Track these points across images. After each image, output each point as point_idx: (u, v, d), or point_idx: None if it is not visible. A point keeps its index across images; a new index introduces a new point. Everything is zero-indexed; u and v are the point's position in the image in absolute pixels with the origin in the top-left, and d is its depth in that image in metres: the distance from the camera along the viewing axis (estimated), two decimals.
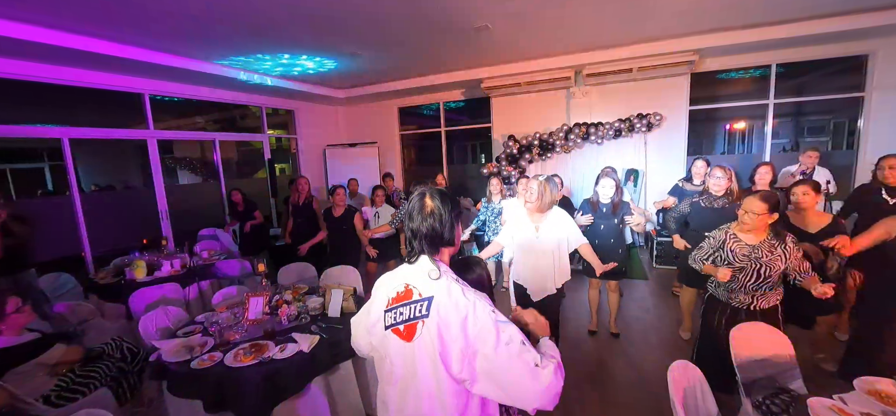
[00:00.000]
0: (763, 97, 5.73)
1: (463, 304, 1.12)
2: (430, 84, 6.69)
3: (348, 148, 8.03)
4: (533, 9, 3.91)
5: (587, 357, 3.37)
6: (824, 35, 4.75)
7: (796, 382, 2.10)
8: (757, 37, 4.84)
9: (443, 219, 1.22)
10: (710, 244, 2.45)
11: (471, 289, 1.17)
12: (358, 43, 4.74)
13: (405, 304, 1.19)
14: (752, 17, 4.49)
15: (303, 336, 2.23)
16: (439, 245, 1.24)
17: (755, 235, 2.28)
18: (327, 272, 3.39)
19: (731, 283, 2.34)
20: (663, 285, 4.74)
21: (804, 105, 6.13)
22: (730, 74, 6.03)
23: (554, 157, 6.36)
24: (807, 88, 5.85)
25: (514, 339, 1.08)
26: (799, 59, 5.41)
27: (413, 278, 1.21)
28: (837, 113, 6.27)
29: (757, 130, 6.42)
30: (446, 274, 1.19)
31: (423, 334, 1.14)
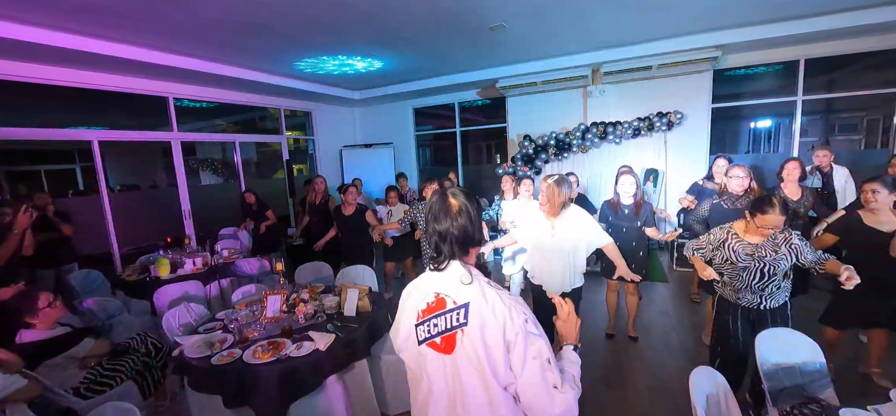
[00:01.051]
0: (791, 94, 5.51)
1: (501, 308, 1.06)
2: (445, 84, 6.69)
3: (364, 148, 8.11)
4: (548, 7, 3.87)
5: (604, 360, 3.30)
6: (857, 28, 4.53)
7: (827, 391, 2.01)
8: (784, 31, 4.65)
9: (472, 217, 1.15)
10: (708, 242, 2.39)
11: (505, 291, 1.11)
12: (373, 44, 4.78)
13: (439, 314, 1.11)
14: (779, 10, 4.32)
15: (319, 335, 2.25)
16: (469, 246, 1.16)
17: (759, 234, 2.21)
18: (343, 272, 3.43)
19: (737, 283, 2.28)
20: (684, 288, 4.62)
21: (834, 102, 5.87)
22: (755, 69, 5.81)
23: (571, 157, 6.27)
24: (837, 83, 5.59)
25: (541, 354, 1.04)
26: (830, 54, 5.17)
27: (444, 286, 1.13)
28: (871, 110, 5.98)
29: (784, 128, 6.18)
30: (478, 277, 1.13)
31: (465, 344, 1.06)
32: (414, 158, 8.34)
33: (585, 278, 2.80)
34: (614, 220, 3.37)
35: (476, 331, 1.05)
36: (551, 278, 2.67)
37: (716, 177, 3.90)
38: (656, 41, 5.21)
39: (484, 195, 7.22)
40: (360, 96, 7.47)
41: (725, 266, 2.34)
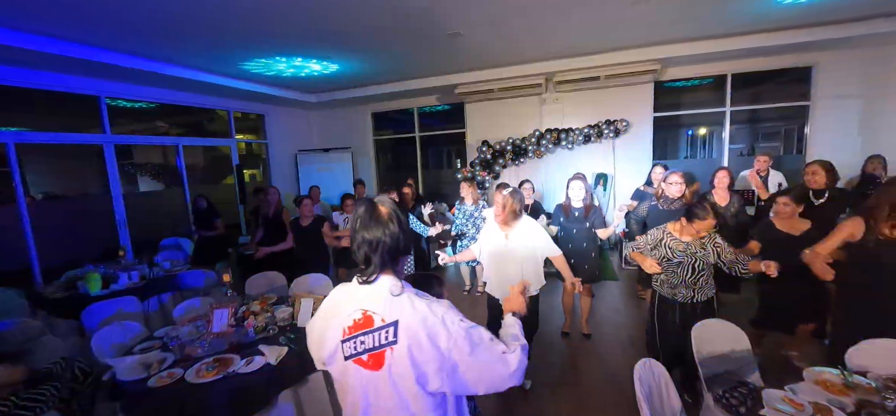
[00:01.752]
0: (721, 105, 6.06)
1: (431, 319, 1.07)
2: (404, 89, 6.68)
3: (321, 153, 7.89)
4: (504, 17, 3.98)
5: (561, 359, 3.42)
6: (772, 47, 5.08)
7: (753, 375, 2.21)
8: (713, 48, 5.12)
9: (401, 224, 1.14)
10: (646, 241, 2.60)
11: (433, 300, 1.13)
12: (328, 47, 4.68)
13: (366, 332, 1.09)
14: (708, 28, 4.74)
15: (270, 348, 2.16)
16: (398, 255, 1.16)
17: (690, 236, 2.46)
18: (297, 281, 3.30)
19: (673, 279, 2.49)
20: (633, 286, 4.90)
21: (759, 112, 6.51)
22: (691, 82, 6.34)
23: (527, 162, 6.47)
24: (761, 96, 6.23)
25: (483, 337, 1.11)
26: (752, 70, 5.77)
27: (370, 302, 1.11)
28: (788, 120, 6.69)
29: (716, 136, 6.76)
30: (408, 288, 1.13)
31: (395, 361, 1.06)
32: (373, 164, 8.23)
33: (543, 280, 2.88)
34: (566, 223, 3.52)
35: (405, 349, 1.05)
36: (504, 286, 2.70)
37: (654, 183, 4.19)
38: (604, 53, 5.53)
39: (444, 200, 7.28)
40: (316, 100, 7.27)
41: (662, 263, 2.53)
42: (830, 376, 1.75)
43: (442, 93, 7.11)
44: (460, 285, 5.18)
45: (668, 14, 4.13)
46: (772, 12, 4.19)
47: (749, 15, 4.27)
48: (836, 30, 4.67)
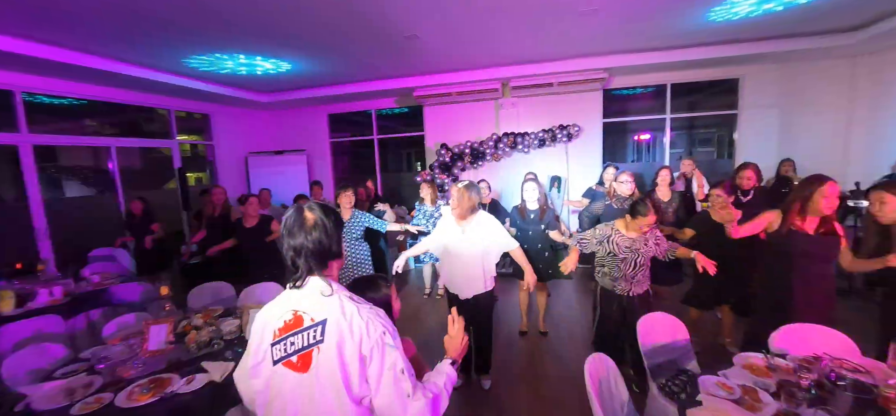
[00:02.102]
0: (662, 112, 6.51)
1: (358, 322, 1.09)
2: (361, 91, 6.56)
3: (273, 156, 7.54)
4: (459, 21, 4.03)
5: (519, 357, 3.50)
6: (705, 60, 5.53)
7: (692, 362, 2.38)
8: (653, 59, 5.49)
9: (328, 230, 1.17)
10: (593, 235, 2.75)
11: (365, 305, 1.15)
12: (280, 45, 4.49)
13: (296, 332, 1.11)
14: (649, 41, 5.08)
15: (215, 365, 2.02)
16: (327, 260, 1.18)
17: (635, 231, 2.64)
18: (247, 291, 3.12)
19: (614, 272, 2.67)
20: (586, 283, 5.12)
21: (694, 119, 7.07)
22: (636, 90, 6.77)
23: (485, 165, 6.58)
24: (696, 105, 6.77)
25: (396, 365, 1.11)
26: (688, 80, 6.26)
27: (302, 303, 1.13)
28: (720, 127, 7.31)
29: (659, 141, 7.24)
30: (339, 291, 1.15)
31: (321, 361, 1.08)
32: (330, 166, 8.00)
33: (499, 281, 2.94)
34: (522, 224, 3.62)
35: (332, 348, 1.07)
36: (463, 281, 2.75)
37: (606, 183, 4.43)
38: (556, 61, 5.76)
39: (404, 203, 7.23)
40: (267, 100, 6.95)
41: (607, 258, 2.69)
42: (756, 360, 1.92)
43: (400, 95, 7.07)
44: (421, 288, 5.16)
45: (613, 25, 4.37)
46: (704, 28, 4.56)
47: (684, 29, 4.62)
48: (758, 46, 5.17)
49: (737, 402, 1.59)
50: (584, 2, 3.68)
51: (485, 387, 3.02)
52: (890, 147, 5.06)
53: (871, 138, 5.50)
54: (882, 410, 1.39)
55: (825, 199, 2.20)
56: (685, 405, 1.63)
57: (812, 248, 2.27)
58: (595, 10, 3.86)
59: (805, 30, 4.84)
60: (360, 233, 3.63)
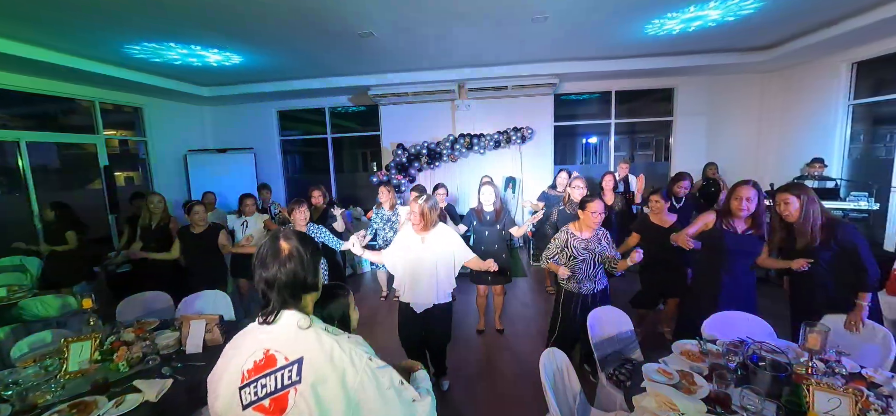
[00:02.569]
0: (607, 117, 6.92)
1: (339, 356, 1.02)
2: (314, 87, 6.33)
3: (217, 154, 7.06)
4: (415, 22, 4.02)
5: (476, 356, 3.54)
6: (644, 70, 5.96)
7: (636, 352, 2.55)
8: (598, 67, 5.83)
9: (304, 261, 1.09)
10: (555, 245, 2.84)
11: (344, 336, 1.08)
12: (229, 39, 4.22)
13: (268, 374, 1.01)
14: (595, 50, 5.37)
15: (150, 383, 1.84)
16: (302, 293, 1.11)
17: (589, 230, 2.77)
18: (187, 300, 2.88)
19: (579, 274, 2.78)
20: (541, 281, 5.30)
21: (636, 125, 7.59)
22: (584, 96, 7.13)
23: (442, 165, 6.61)
24: (638, 111, 7.27)
25: (393, 380, 1.08)
26: (630, 88, 6.72)
27: (273, 341, 1.04)
28: (658, 132, 7.91)
29: (604, 144, 7.69)
30: (316, 323, 1.08)
31: (299, 404, 0.99)
32: (280, 166, 7.63)
33: (457, 281, 2.93)
34: (479, 225, 3.68)
35: (309, 389, 0.99)
36: (420, 293, 2.69)
37: (559, 187, 4.62)
38: (510, 65, 5.92)
39: (359, 204, 7.07)
40: (210, 93, 6.49)
41: (570, 263, 2.78)
42: (690, 346, 2.09)
43: (355, 93, 6.91)
44: (377, 291, 5.06)
45: (562, 33, 4.58)
46: (642, 40, 4.91)
47: (625, 41, 4.95)
48: (688, 59, 5.66)
49: (675, 386, 1.72)
50: (535, 9, 3.81)
51: (443, 388, 3.03)
52: (797, 153, 5.75)
53: (781, 145, 6.23)
54: (796, 385, 1.57)
55: (735, 200, 2.46)
56: (631, 392, 1.74)
57: (739, 246, 2.50)
58: (545, 17, 4.02)
59: (726, 47, 5.38)
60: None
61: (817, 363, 1.75)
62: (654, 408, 1.55)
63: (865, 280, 2.20)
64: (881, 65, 4.92)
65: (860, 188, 4.80)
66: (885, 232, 4.84)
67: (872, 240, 4.57)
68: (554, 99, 6.74)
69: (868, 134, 5.50)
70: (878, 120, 5.33)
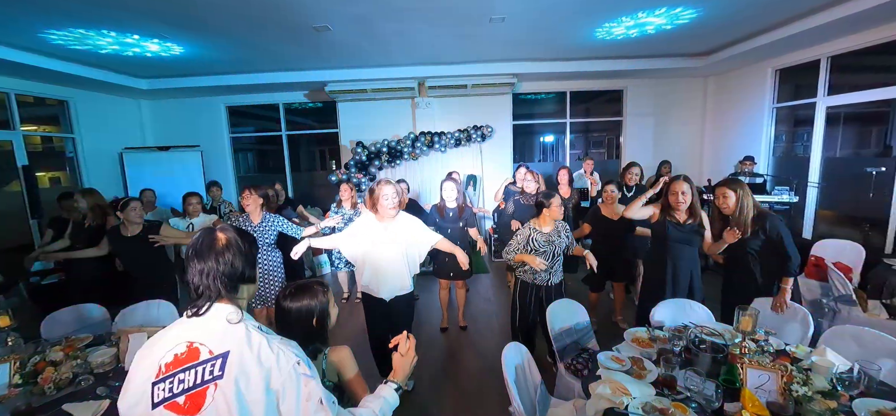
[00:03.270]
0: (563, 117, 7.19)
1: (267, 356, 0.98)
2: (266, 82, 6.03)
3: (158, 152, 6.54)
4: (372, 17, 3.95)
5: (440, 354, 3.56)
6: (595, 72, 6.25)
7: (592, 341, 2.67)
8: (553, 68, 6.04)
9: (242, 251, 1.07)
10: (518, 241, 2.91)
11: (276, 338, 1.04)
12: (166, 26, 3.91)
13: (189, 368, 0.95)
14: (550, 52, 5.56)
15: (82, 406, 1.67)
16: (239, 284, 1.07)
17: (550, 224, 2.87)
18: (126, 312, 2.64)
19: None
20: (503, 277, 5.41)
21: (590, 124, 7.95)
22: (541, 96, 7.36)
23: (403, 163, 6.55)
24: (591, 111, 7.61)
25: (313, 395, 1.02)
26: (584, 89, 7.02)
27: (199, 334, 0.99)
28: (610, 131, 8.33)
29: (560, 142, 7.99)
30: (247, 319, 1.03)
31: (217, 401, 0.94)
32: (230, 164, 7.21)
33: (420, 279, 2.94)
34: (441, 223, 3.68)
35: (232, 385, 0.94)
36: (386, 283, 2.67)
37: (518, 182, 4.75)
38: (470, 64, 5.98)
39: (317, 203, 6.85)
40: (149, 86, 6.00)
41: (531, 255, 2.85)
42: (640, 333, 2.22)
43: (311, 89, 6.67)
44: (338, 293, 4.94)
45: (519, 35, 4.69)
46: (593, 44, 5.14)
47: (578, 44, 5.16)
48: (634, 63, 6.01)
49: (627, 372, 1.82)
50: (493, 10, 3.87)
51: (408, 388, 3.01)
52: (732, 151, 6.29)
53: (719, 143, 6.78)
54: (731, 364, 1.72)
55: (672, 195, 2.70)
56: (587, 380, 1.82)
57: (681, 234, 2.72)
58: (502, 19, 4.09)
59: (668, 52, 5.76)
60: (273, 239, 3.33)
61: (749, 342, 1.92)
62: (609, 394, 1.63)
63: (789, 267, 2.45)
64: (799, 72, 5.50)
65: (783, 183, 5.33)
66: (803, 222, 5.43)
67: (793, 229, 5.11)
68: (513, 98, 6.89)
69: (789, 135, 6.12)
70: (798, 122, 5.95)
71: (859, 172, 4.73)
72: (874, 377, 1.60)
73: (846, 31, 4.45)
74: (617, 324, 3.80)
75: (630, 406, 1.57)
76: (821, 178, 5.28)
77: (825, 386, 1.62)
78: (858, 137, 5.41)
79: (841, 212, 5.13)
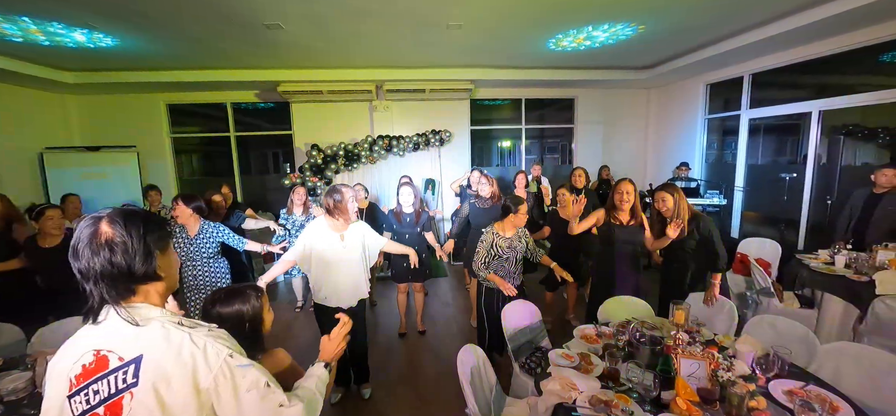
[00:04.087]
0: (518, 123, 7.42)
1: (189, 351, 0.90)
2: (212, 80, 5.70)
3: (86, 153, 5.96)
4: (328, 19, 3.86)
5: (398, 359, 3.52)
6: (548, 81, 6.52)
7: (545, 340, 2.77)
8: (509, 76, 6.22)
9: (129, 248, 0.91)
10: (484, 248, 2.93)
11: (202, 329, 0.96)
12: (94, 15, 3.58)
13: (100, 378, 0.88)
14: (505, 60, 5.72)
15: None
16: (133, 283, 0.94)
17: (512, 229, 2.93)
18: (44, 332, 2.37)
19: (501, 272, 2.90)
20: (461, 279, 5.46)
21: (544, 130, 8.25)
22: (498, 102, 7.55)
23: (360, 167, 6.44)
24: (545, 118, 7.92)
25: (258, 382, 0.97)
26: (538, 97, 7.30)
27: (106, 340, 0.90)
28: (563, 138, 8.69)
29: (517, 148, 8.22)
30: (161, 317, 0.94)
31: (136, 410, 0.87)
32: (172, 167, 6.72)
33: (378, 285, 2.91)
34: (398, 227, 3.67)
35: (149, 392, 0.87)
36: (341, 291, 2.62)
37: (473, 185, 4.82)
38: (428, 68, 6.00)
39: (269, 208, 6.56)
40: (76, 80, 5.46)
41: (494, 261, 2.89)
42: (588, 330, 2.33)
43: (262, 89, 6.39)
44: (292, 301, 4.75)
45: (476, 42, 4.78)
46: (546, 54, 5.36)
47: (531, 54, 5.35)
48: (583, 74, 6.33)
49: (576, 368, 1.91)
50: (450, 16, 3.92)
51: (365, 396, 2.95)
52: (671, 157, 6.80)
53: (660, 150, 7.32)
54: (666, 355, 1.85)
55: (617, 195, 2.92)
56: (540, 378, 1.88)
57: (625, 235, 2.91)
58: (460, 25, 4.16)
59: (614, 64, 6.14)
60: (215, 250, 3.14)
61: (683, 334, 2.09)
62: (558, 390, 1.70)
63: (718, 263, 2.69)
64: (727, 87, 6.07)
65: (714, 187, 5.86)
66: (731, 222, 5.99)
67: (723, 229, 5.62)
68: (471, 104, 7.01)
69: (720, 143, 6.72)
70: (727, 132, 6.55)
71: (776, 177, 5.30)
72: (786, 360, 1.79)
73: (765, 52, 4.98)
74: (569, 322, 3.96)
75: (578, 401, 1.65)
76: (745, 182, 5.85)
77: (746, 370, 1.80)
78: (777, 146, 6.05)
79: (762, 213, 5.71)
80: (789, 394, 1.64)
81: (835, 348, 1.99)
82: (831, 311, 3.03)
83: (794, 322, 2.22)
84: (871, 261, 3.02)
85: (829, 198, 4.60)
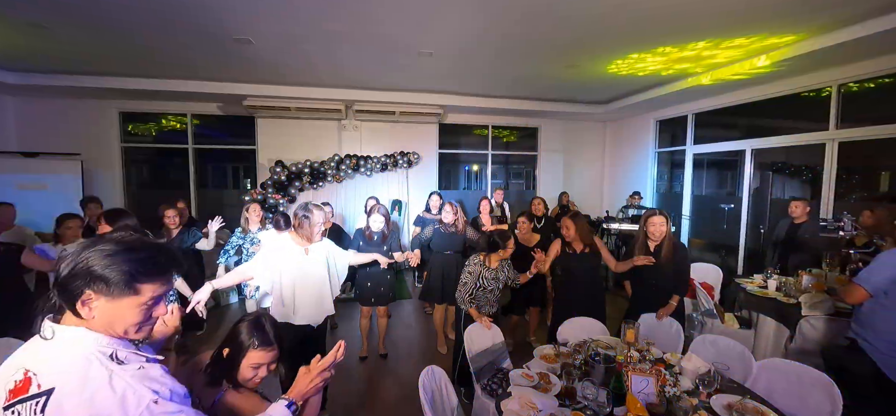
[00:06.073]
0: (485, 149, 7.65)
1: (104, 398, 0.80)
2: (173, 90, 5.48)
3: (23, 158, 5.48)
4: (300, 37, 3.88)
5: (358, 385, 3.42)
6: (513, 110, 6.82)
7: (506, 361, 2.80)
8: (478, 104, 6.45)
9: (78, 260, 0.87)
10: (472, 279, 2.94)
11: (131, 367, 0.86)
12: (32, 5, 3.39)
13: (21, 400, 0.79)
14: (473, 88, 5.94)
15: None
16: (73, 296, 0.86)
17: (497, 261, 3.00)
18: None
19: (481, 301, 2.95)
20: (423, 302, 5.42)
21: (510, 157, 8.54)
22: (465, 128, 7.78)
23: (326, 185, 6.35)
24: (511, 145, 8.21)
25: None
26: (504, 124, 7.57)
27: (38, 361, 0.83)
28: (527, 164, 9.03)
29: (483, 172, 8.44)
30: (93, 345, 0.85)
31: None
32: (121, 179, 6.30)
33: (340, 306, 2.86)
34: (366, 247, 3.62)
35: None
36: (306, 307, 2.55)
37: (433, 209, 4.83)
38: (399, 92, 6.10)
39: (227, 226, 6.27)
40: (19, 81, 5.07)
41: (478, 292, 2.93)
42: (547, 351, 2.40)
43: (226, 102, 6.21)
44: None
45: (445, 69, 4.95)
46: (510, 85, 5.63)
47: (497, 84, 5.60)
48: (547, 104, 6.69)
49: (535, 387, 1.96)
50: (422, 44, 4.05)
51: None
52: (625, 186, 7.24)
53: (615, 179, 7.77)
54: (619, 372, 1.95)
55: (564, 229, 3.13)
56: (501, 398, 1.91)
57: (580, 262, 3.07)
58: (430, 53, 4.30)
59: (574, 98, 6.54)
60: None
61: (634, 352, 2.20)
62: (518, 409, 1.74)
63: (682, 287, 2.88)
64: (674, 124, 6.61)
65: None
66: None
67: None
68: (439, 127, 7.16)
69: (668, 175, 7.24)
70: (675, 164, 7.08)
71: (717, 208, 5.77)
72: (725, 376, 1.93)
73: (705, 95, 5.51)
74: (531, 343, 4.04)
75: None
76: (691, 211, 6.32)
77: (689, 386, 1.92)
78: (718, 179, 6.61)
79: (706, 240, 6.17)
80: (728, 407, 1.77)
81: (768, 364, 2.17)
82: (765, 330, 3.29)
83: (733, 341, 2.40)
84: (797, 284, 3.34)
85: (761, 227, 5.06)
